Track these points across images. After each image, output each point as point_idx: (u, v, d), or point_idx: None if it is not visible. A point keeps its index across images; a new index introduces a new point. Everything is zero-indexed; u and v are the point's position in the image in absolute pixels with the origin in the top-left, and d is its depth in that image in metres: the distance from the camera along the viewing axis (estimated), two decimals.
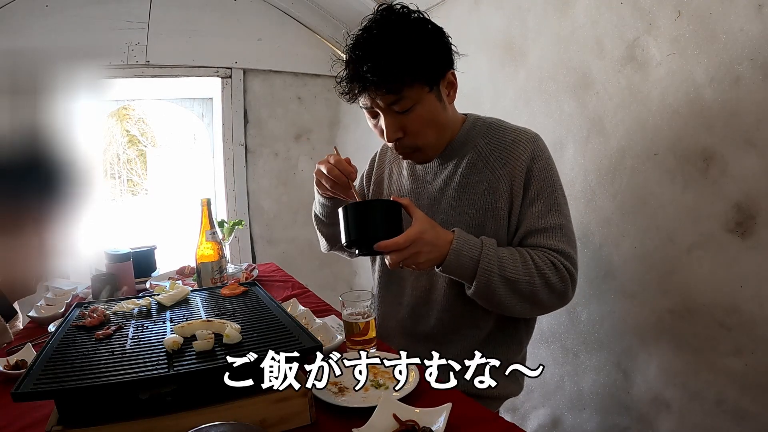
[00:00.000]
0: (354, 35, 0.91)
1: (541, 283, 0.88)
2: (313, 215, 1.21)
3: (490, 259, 0.87)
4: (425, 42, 0.89)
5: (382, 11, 0.91)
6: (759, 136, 0.98)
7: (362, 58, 0.87)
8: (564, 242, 0.92)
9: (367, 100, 0.92)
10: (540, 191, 0.94)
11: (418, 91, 0.89)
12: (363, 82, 0.88)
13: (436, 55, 0.91)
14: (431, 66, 0.90)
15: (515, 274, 0.87)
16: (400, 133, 0.94)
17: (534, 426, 1.55)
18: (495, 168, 0.97)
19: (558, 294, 0.91)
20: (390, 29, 0.88)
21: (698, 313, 1.11)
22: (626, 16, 1.21)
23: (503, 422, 0.68)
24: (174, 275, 1.60)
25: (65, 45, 2.00)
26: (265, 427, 0.64)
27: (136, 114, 4.53)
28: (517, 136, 0.98)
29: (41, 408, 0.73)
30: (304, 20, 2.51)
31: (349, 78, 0.91)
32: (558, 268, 0.90)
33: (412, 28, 0.89)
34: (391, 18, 0.90)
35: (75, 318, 0.88)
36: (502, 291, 0.87)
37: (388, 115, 0.92)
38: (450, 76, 0.95)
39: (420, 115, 0.92)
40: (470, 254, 0.86)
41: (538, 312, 0.98)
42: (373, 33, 0.89)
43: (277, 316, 0.86)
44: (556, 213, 0.94)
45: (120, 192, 5.24)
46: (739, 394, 1.04)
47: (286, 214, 2.64)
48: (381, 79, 0.86)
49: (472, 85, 1.69)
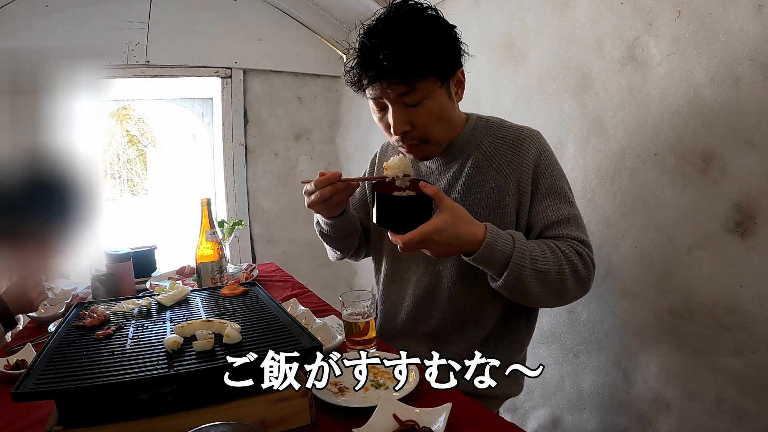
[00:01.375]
0: (368, 24, 0.90)
1: (570, 272, 0.88)
2: (317, 232, 1.17)
3: (523, 254, 0.86)
4: (440, 37, 0.89)
5: (397, 4, 0.91)
6: (759, 136, 0.98)
7: (378, 45, 0.85)
8: (581, 232, 0.94)
9: (378, 90, 0.90)
10: (550, 186, 0.95)
11: (430, 84, 0.89)
12: (377, 69, 0.87)
13: (450, 52, 0.91)
14: (445, 61, 0.90)
15: (546, 265, 0.87)
16: (408, 127, 0.93)
17: (534, 426, 1.55)
18: (501, 167, 0.97)
19: (582, 282, 0.91)
20: (407, 20, 0.88)
21: (698, 313, 1.11)
22: (626, 16, 1.21)
23: (503, 422, 0.68)
24: (174, 275, 1.60)
25: (65, 45, 2.00)
26: (265, 427, 0.64)
27: (136, 114, 4.53)
28: (520, 134, 0.98)
29: (41, 408, 0.73)
30: (304, 20, 2.51)
31: (362, 65, 0.89)
32: (583, 256, 0.91)
33: (428, 21, 0.89)
34: (406, 11, 0.90)
35: (75, 318, 0.88)
36: (533, 283, 0.87)
37: (398, 106, 0.91)
38: (460, 74, 0.96)
39: (430, 109, 0.91)
40: (503, 248, 0.85)
41: (562, 303, 0.97)
42: (390, 23, 0.88)
43: (277, 316, 0.86)
44: (569, 205, 0.95)
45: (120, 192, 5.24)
46: (739, 394, 1.04)
47: (286, 214, 2.64)
48: (396, 68, 0.85)
49: (472, 85, 1.67)
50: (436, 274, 1.03)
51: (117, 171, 5.38)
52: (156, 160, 3.69)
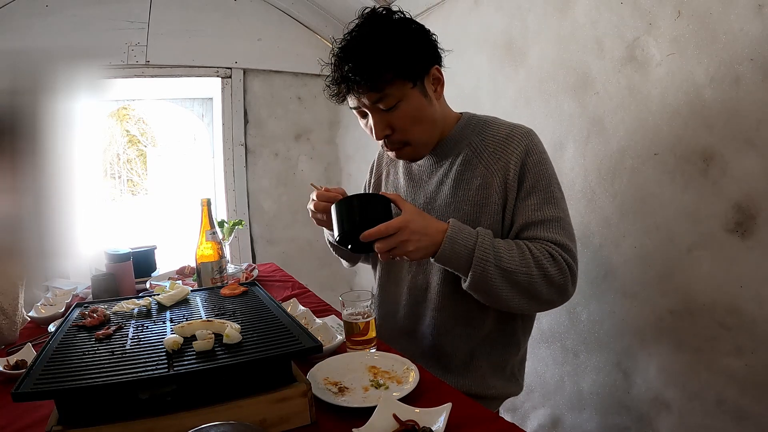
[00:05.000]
0: (340, 39, 0.94)
1: (539, 275, 0.87)
2: (328, 243, 1.26)
3: (486, 248, 0.86)
4: (405, 39, 0.91)
5: (365, 15, 0.94)
6: (759, 136, 0.98)
7: (344, 59, 0.91)
8: (562, 234, 0.91)
9: (354, 100, 0.94)
10: (535, 184, 0.93)
11: (400, 87, 0.91)
12: (347, 82, 0.91)
13: (417, 52, 0.92)
14: (412, 62, 0.91)
15: (511, 264, 0.86)
16: (388, 131, 0.95)
17: (534, 426, 1.55)
18: (489, 163, 0.97)
19: (557, 288, 0.89)
20: (370, 30, 0.92)
21: (698, 313, 1.11)
22: (626, 16, 1.21)
23: (503, 422, 0.68)
24: (174, 275, 1.60)
25: (65, 45, 2.00)
26: (265, 427, 0.64)
27: (136, 114, 4.53)
28: (510, 131, 0.98)
29: (41, 408, 0.73)
30: (304, 20, 2.51)
31: (335, 80, 0.94)
32: (556, 259, 0.88)
33: (392, 27, 0.92)
34: (372, 20, 0.93)
35: (75, 318, 0.88)
36: (499, 282, 0.86)
37: (375, 113, 0.94)
38: (435, 71, 0.96)
39: (405, 111, 0.93)
40: (465, 243, 0.86)
41: (538, 307, 0.94)
42: (354, 35, 0.92)
43: (277, 316, 0.86)
44: (553, 206, 0.93)
45: (120, 192, 5.24)
46: (739, 394, 1.04)
47: (286, 214, 2.64)
48: (362, 78, 0.88)
49: (472, 85, 1.69)
50: (428, 272, 1.04)
51: (117, 171, 5.39)
52: (156, 160, 3.69)
